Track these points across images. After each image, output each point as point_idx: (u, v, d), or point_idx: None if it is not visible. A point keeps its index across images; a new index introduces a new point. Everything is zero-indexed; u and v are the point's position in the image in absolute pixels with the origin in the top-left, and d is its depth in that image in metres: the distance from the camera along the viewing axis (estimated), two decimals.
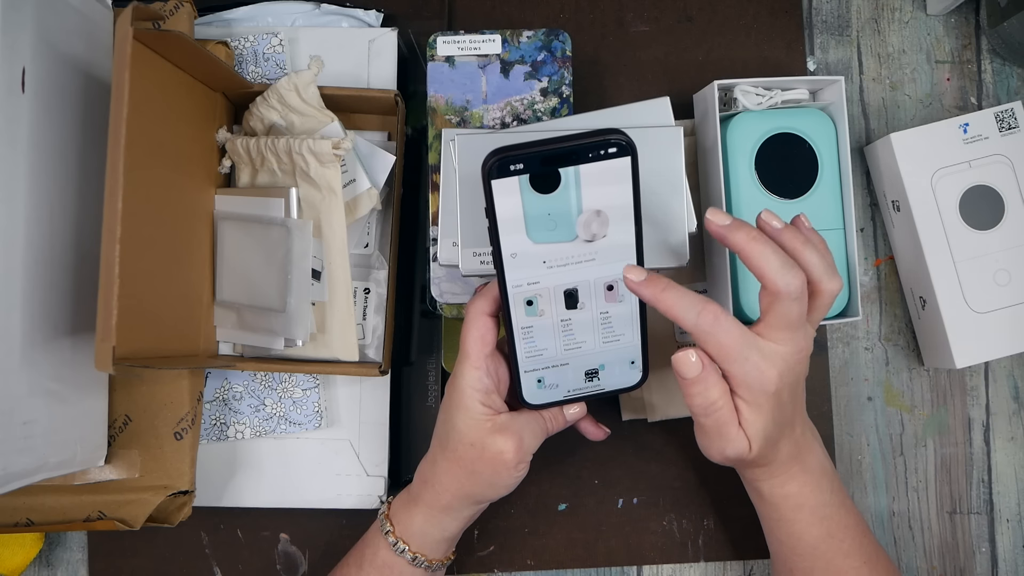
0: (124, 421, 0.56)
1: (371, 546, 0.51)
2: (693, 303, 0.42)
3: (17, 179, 0.47)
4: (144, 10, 0.48)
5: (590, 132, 0.40)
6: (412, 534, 0.50)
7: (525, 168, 0.40)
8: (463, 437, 0.48)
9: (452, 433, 0.48)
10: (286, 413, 0.59)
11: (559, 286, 0.44)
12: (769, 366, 0.43)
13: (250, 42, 0.59)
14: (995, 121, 0.58)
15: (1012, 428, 0.62)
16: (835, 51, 0.64)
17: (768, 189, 0.56)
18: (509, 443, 0.47)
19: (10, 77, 0.46)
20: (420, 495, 0.50)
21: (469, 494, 0.49)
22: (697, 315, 0.42)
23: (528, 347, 0.46)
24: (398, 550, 0.50)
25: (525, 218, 0.41)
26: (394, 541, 0.50)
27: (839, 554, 0.50)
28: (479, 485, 0.49)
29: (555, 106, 0.53)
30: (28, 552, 0.58)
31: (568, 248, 0.42)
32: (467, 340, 0.47)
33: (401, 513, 0.51)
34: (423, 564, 0.50)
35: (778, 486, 0.49)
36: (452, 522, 0.51)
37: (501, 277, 0.43)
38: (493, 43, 0.53)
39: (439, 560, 0.52)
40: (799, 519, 0.50)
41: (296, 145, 0.53)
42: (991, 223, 0.58)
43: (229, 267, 0.57)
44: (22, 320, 0.47)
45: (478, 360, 0.47)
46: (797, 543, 0.50)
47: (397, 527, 0.51)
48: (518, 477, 0.49)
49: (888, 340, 0.63)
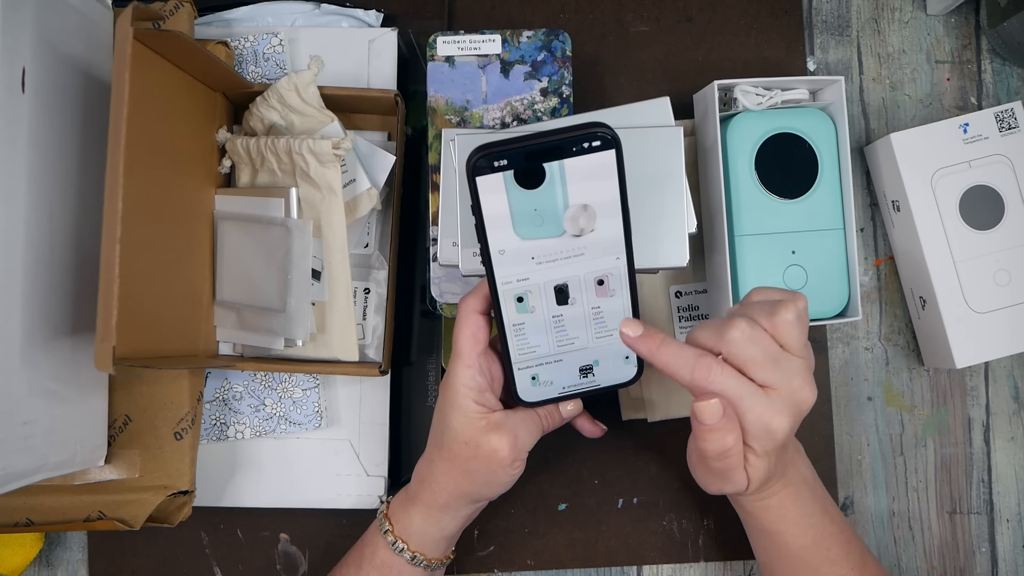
0: (124, 421, 0.56)
1: (370, 545, 0.51)
2: (687, 360, 0.43)
3: (17, 179, 0.47)
4: (144, 10, 0.48)
5: (572, 126, 0.40)
6: (411, 533, 0.50)
7: (509, 164, 0.40)
8: (458, 436, 0.47)
9: (447, 432, 0.48)
10: (286, 413, 0.59)
11: (549, 282, 0.44)
12: (775, 414, 0.43)
13: (250, 42, 0.59)
14: (995, 121, 0.58)
15: (1012, 428, 0.62)
16: (835, 51, 0.64)
17: (768, 189, 0.56)
18: (504, 441, 0.47)
19: (10, 77, 0.46)
20: (418, 494, 0.50)
21: (466, 493, 0.49)
22: (692, 372, 0.42)
23: (521, 344, 0.46)
24: (397, 549, 0.50)
25: (512, 214, 0.41)
26: (393, 540, 0.50)
27: (825, 562, 0.50)
28: (475, 484, 0.49)
29: (555, 106, 0.53)
30: (28, 552, 0.58)
31: (556, 243, 0.42)
32: (459, 339, 0.47)
33: (400, 512, 0.51)
34: (422, 563, 0.50)
35: (759, 500, 0.49)
36: (451, 521, 0.51)
37: (490, 274, 0.43)
38: (493, 43, 0.53)
39: (438, 559, 0.52)
40: (783, 530, 0.49)
41: (296, 145, 0.53)
42: (991, 223, 0.58)
43: (229, 267, 0.57)
44: (22, 320, 0.47)
45: (470, 358, 0.47)
46: (782, 551, 0.50)
47: (396, 526, 0.51)
48: (514, 475, 0.49)
49: (888, 340, 0.63)
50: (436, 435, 0.50)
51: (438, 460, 0.49)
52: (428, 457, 0.50)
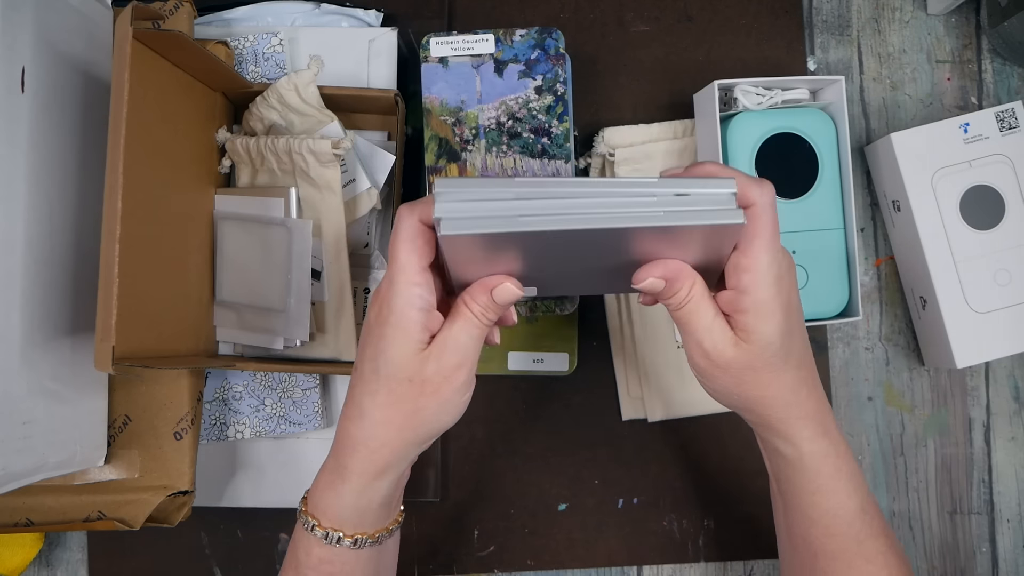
0: (124, 421, 0.56)
1: (302, 547, 0.44)
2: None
3: (17, 179, 0.47)
4: (144, 10, 0.48)
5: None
6: (345, 518, 0.43)
7: None
8: (399, 372, 0.39)
9: (383, 370, 0.40)
10: (286, 413, 0.59)
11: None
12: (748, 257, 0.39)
13: (250, 42, 0.59)
14: (995, 121, 0.58)
15: (1012, 428, 0.62)
16: (835, 51, 0.64)
17: None
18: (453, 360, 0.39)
19: (10, 77, 0.46)
20: (347, 466, 0.42)
21: (411, 440, 0.41)
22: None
23: None
24: (332, 540, 0.43)
25: None
26: (324, 534, 0.43)
27: (870, 535, 0.43)
28: (424, 423, 0.41)
29: (550, 104, 0.53)
30: (28, 552, 0.58)
31: None
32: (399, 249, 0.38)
33: (325, 498, 0.43)
34: (367, 543, 0.44)
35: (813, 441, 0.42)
36: (393, 481, 0.43)
37: None
38: (486, 43, 0.53)
39: (385, 529, 0.45)
40: (838, 488, 0.43)
41: (296, 145, 0.53)
42: (991, 223, 0.58)
43: (229, 267, 0.57)
44: (22, 320, 0.47)
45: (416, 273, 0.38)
46: (832, 521, 0.43)
47: (323, 518, 0.43)
48: (467, 400, 0.41)
49: (888, 340, 0.63)
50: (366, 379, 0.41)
51: (373, 410, 0.41)
52: (356, 411, 0.42)
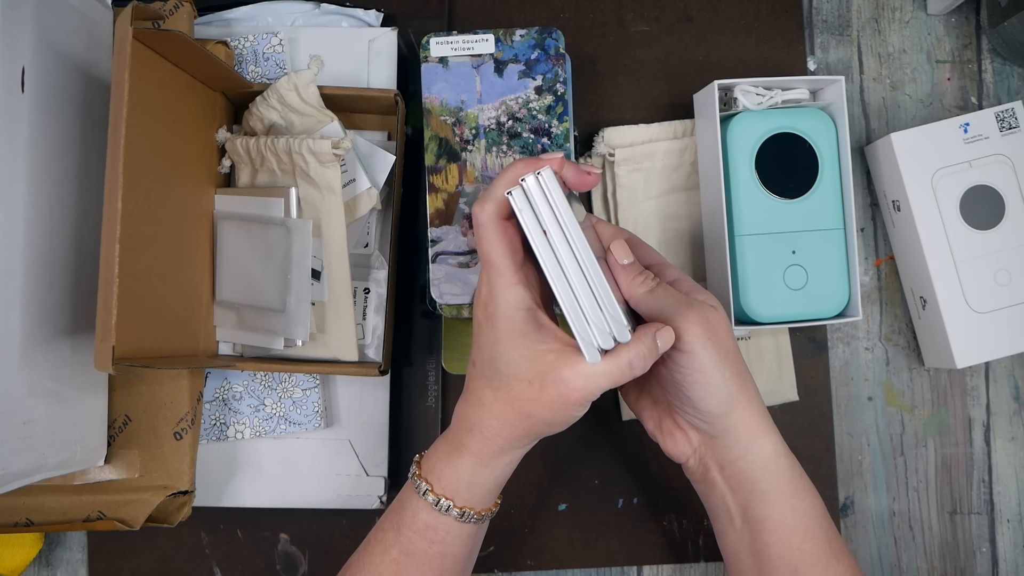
0: (124, 421, 0.56)
1: (408, 509, 0.45)
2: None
3: (17, 179, 0.47)
4: (144, 10, 0.48)
5: None
6: (459, 489, 0.44)
7: None
8: (519, 373, 0.40)
9: (502, 369, 0.41)
10: (286, 413, 0.59)
11: None
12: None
13: (250, 42, 0.59)
14: (996, 121, 0.58)
15: (1013, 428, 0.62)
16: (835, 51, 0.64)
17: (768, 189, 0.56)
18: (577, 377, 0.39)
19: (10, 77, 0.46)
20: (465, 443, 0.44)
21: (524, 435, 0.43)
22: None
23: None
24: (442, 508, 0.44)
25: None
26: (435, 500, 0.44)
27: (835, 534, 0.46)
28: (535, 427, 0.43)
29: (550, 104, 0.53)
30: (28, 552, 0.58)
31: None
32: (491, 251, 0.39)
33: (442, 467, 0.45)
34: (472, 518, 0.45)
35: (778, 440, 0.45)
36: (505, 467, 0.45)
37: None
38: (486, 43, 0.53)
39: (488, 510, 0.46)
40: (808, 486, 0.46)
41: (296, 145, 0.53)
42: (991, 223, 0.58)
43: (229, 267, 0.57)
44: (22, 320, 0.47)
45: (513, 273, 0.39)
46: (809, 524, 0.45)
47: (437, 484, 0.44)
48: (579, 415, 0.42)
49: (888, 340, 0.63)
50: (486, 372, 0.42)
51: (492, 403, 0.42)
52: (476, 399, 0.43)
